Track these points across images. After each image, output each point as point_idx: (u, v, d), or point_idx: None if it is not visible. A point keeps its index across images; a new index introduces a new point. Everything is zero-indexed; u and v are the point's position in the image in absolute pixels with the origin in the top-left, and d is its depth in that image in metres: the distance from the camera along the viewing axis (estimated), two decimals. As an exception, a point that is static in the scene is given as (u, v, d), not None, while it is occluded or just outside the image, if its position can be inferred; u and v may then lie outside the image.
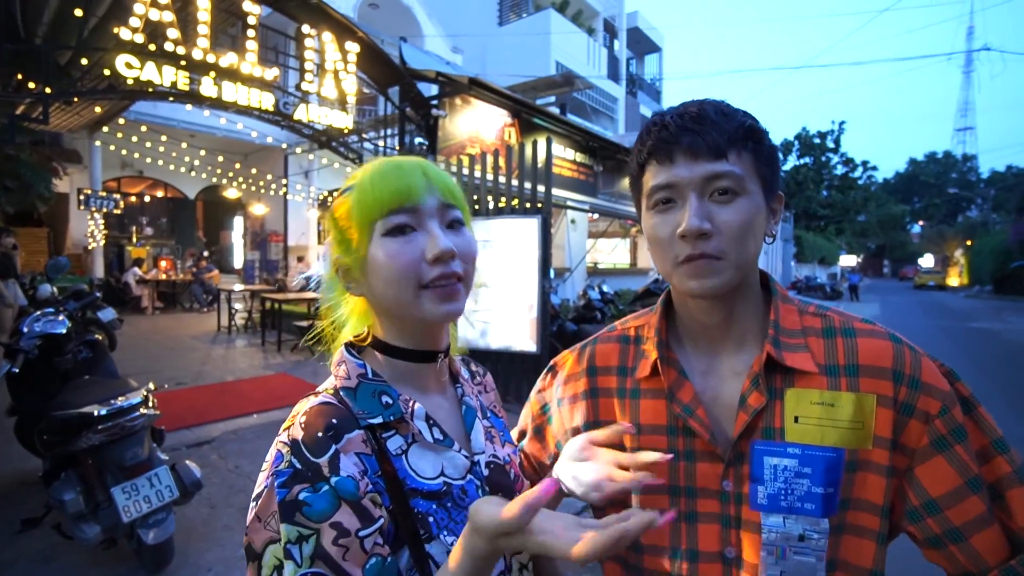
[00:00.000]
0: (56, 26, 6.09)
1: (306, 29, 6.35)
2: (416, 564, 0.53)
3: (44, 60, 5.25)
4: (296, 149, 11.78)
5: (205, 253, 12.68)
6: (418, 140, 7.33)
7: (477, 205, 5.05)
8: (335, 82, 6.61)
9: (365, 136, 8.65)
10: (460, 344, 0.74)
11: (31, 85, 5.38)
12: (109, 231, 11.12)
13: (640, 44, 24.27)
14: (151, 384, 2.48)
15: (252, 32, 5.91)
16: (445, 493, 0.57)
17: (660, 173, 0.61)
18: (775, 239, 0.66)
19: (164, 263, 11.62)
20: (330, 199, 0.63)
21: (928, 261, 42.48)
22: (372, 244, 0.57)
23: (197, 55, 5.41)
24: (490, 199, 5.00)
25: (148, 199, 14.01)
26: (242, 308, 9.25)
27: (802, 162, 37.01)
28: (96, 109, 7.75)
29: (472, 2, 18.35)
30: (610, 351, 0.73)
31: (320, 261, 0.67)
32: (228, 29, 6.93)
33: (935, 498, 0.57)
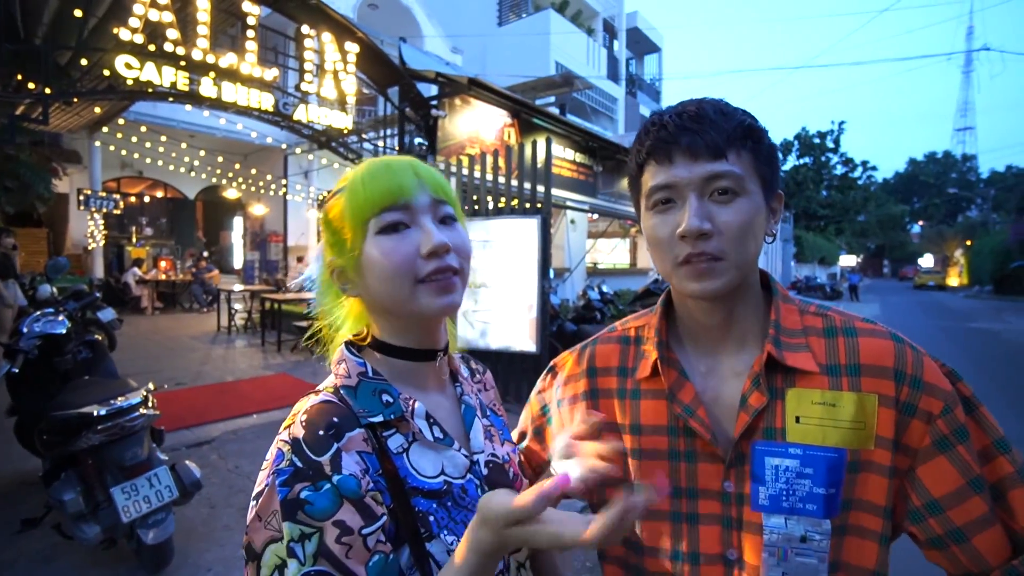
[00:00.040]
0: (56, 26, 6.09)
1: (305, 29, 6.36)
2: (416, 563, 0.53)
3: (44, 60, 5.25)
4: (296, 149, 11.79)
5: (205, 253, 12.69)
6: (418, 140, 7.33)
7: (477, 205, 5.04)
8: (334, 82, 6.62)
9: (365, 136, 8.65)
10: (460, 344, 0.74)
11: (31, 85, 5.38)
12: (109, 231, 11.12)
13: (640, 44, 24.29)
14: (151, 384, 2.48)
15: (252, 32, 5.91)
16: (445, 492, 0.57)
17: (659, 173, 0.60)
18: (775, 238, 0.66)
19: (164, 263, 11.63)
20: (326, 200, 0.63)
21: (928, 261, 42.49)
22: (366, 243, 0.57)
23: (197, 55, 5.42)
24: (490, 199, 5.00)
25: (148, 199, 14.02)
26: (242, 308, 9.25)
27: (802, 162, 37.03)
28: (96, 109, 7.76)
29: (472, 2, 18.36)
30: (610, 352, 0.72)
31: (313, 263, 0.67)
32: (228, 29, 6.93)
33: (937, 498, 0.56)
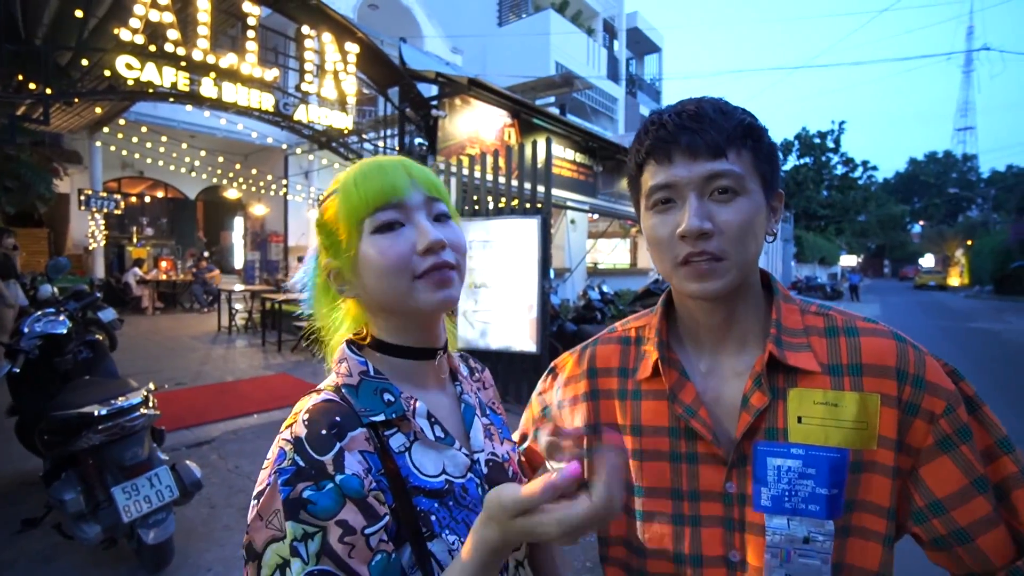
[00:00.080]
0: (56, 27, 6.09)
1: (306, 30, 6.36)
2: (418, 562, 0.53)
3: (44, 61, 5.25)
4: (296, 150, 11.80)
5: (205, 253, 12.69)
6: (418, 140, 7.33)
7: (477, 205, 5.05)
8: (335, 83, 6.62)
9: (365, 137, 8.65)
10: (460, 344, 0.74)
11: (32, 86, 5.39)
12: (109, 231, 11.14)
13: (640, 44, 24.28)
14: (151, 384, 2.49)
15: (252, 33, 5.92)
16: (447, 491, 0.57)
17: (659, 173, 0.60)
18: (776, 238, 0.66)
19: (164, 263, 11.63)
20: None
21: (928, 261, 42.47)
22: (362, 242, 0.57)
23: (197, 56, 5.42)
24: (490, 199, 5.00)
25: (148, 199, 14.03)
26: (242, 308, 9.24)
27: (802, 162, 37.02)
28: (96, 110, 7.76)
29: (472, 3, 18.36)
30: (610, 352, 0.72)
31: (304, 265, 0.67)
32: (228, 30, 6.93)
33: (940, 499, 0.56)
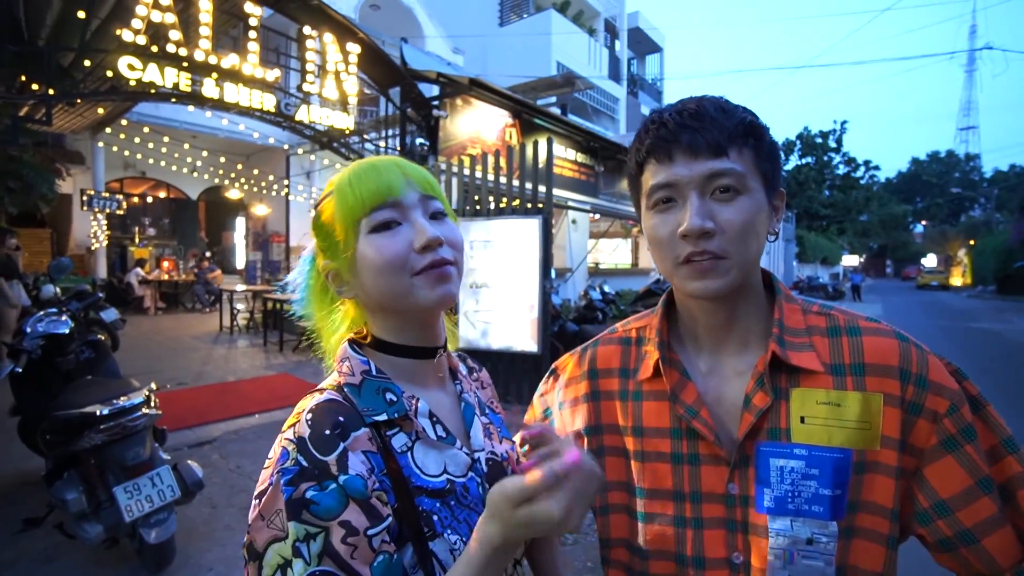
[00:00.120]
0: (59, 28, 6.11)
1: (307, 30, 6.37)
2: (420, 562, 0.53)
3: (47, 62, 5.27)
4: (298, 150, 11.81)
5: (207, 254, 12.71)
6: (419, 141, 7.33)
7: (478, 206, 5.05)
8: (336, 83, 6.63)
9: (366, 137, 8.66)
10: (461, 344, 0.74)
11: (34, 87, 5.40)
12: (112, 232, 11.17)
13: (641, 44, 24.26)
14: (153, 384, 2.49)
15: (253, 34, 5.93)
16: (449, 491, 0.57)
17: (659, 172, 0.59)
18: (777, 237, 0.65)
19: (166, 264, 11.66)
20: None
21: (931, 261, 42.38)
22: (360, 242, 0.58)
23: (199, 56, 5.43)
24: (491, 200, 5.00)
25: (150, 200, 14.06)
26: (244, 308, 9.25)
27: (804, 162, 36.99)
28: (99, 110, 7.78)
29: (473, 3, 18.37)
30: (611, 353, 0.72)
31: (298, 267, 0.67)
32: (229, 31, 6.95)
33: (945, 499, 0.55)
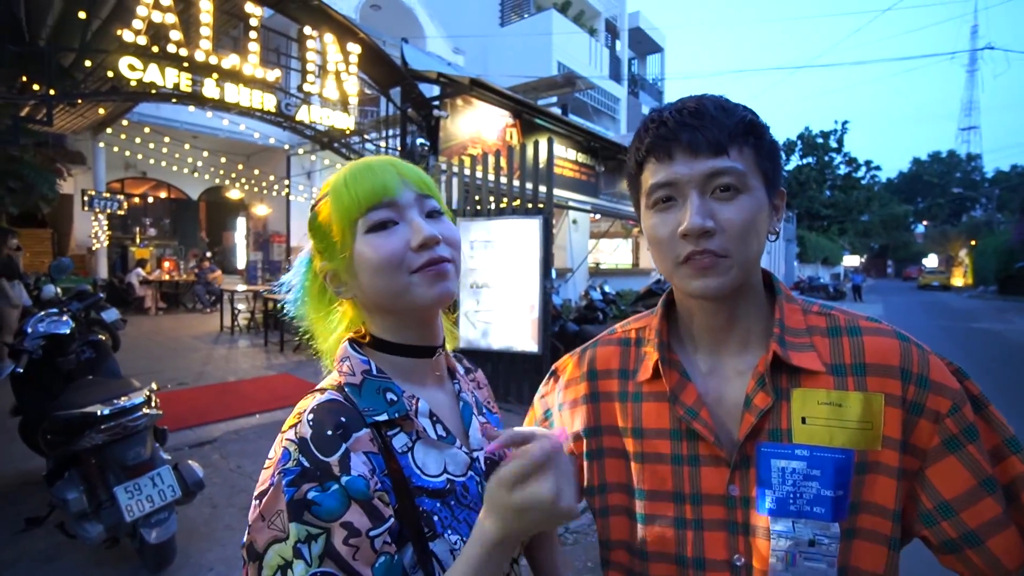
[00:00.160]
0: (60, 28, 6.12)
1: (308, 31, 6.37)
2: (419, 562, 0.53)
3: (48, 62, 5.27)
4: (298, 150, 11.81)
5: (208, 254, 12.72)
6: (420, 141, 7.33)
7: (479, 206, 5.04)
8: (337, 83, 6.63)
9: (367, 137, 8.66)
10: (462, 344, 0.74)
11: (35, 87, 5.41)
12: (113, 232, 11.18)
13: (642, 44, 24.26)
14: (154, 384, 2.49)
15: (254, 34, 5.93)
16: (449, 491, 0.58)
17: (659, 171, 0.59)
18: (778, 236, 0.65)
19: (167, 264, 11.66)
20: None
21: (932, 261, 42.31)
22: (357, 242, 0.58)
23: (199, 57, 5.43)
24: (491, 200, 5.00)
25: (151, 200, 14.07)
26: (245, 308, 9.25)
27: (805, 162, 36.96)
28: (100, 111, 7.79)
29: (474, 3, 18.37)
30: (610, 354, 0.71)
31: (294, 269, 0.67)
32: (230, 31, 6.95)
33: (949, 500, 0.55)
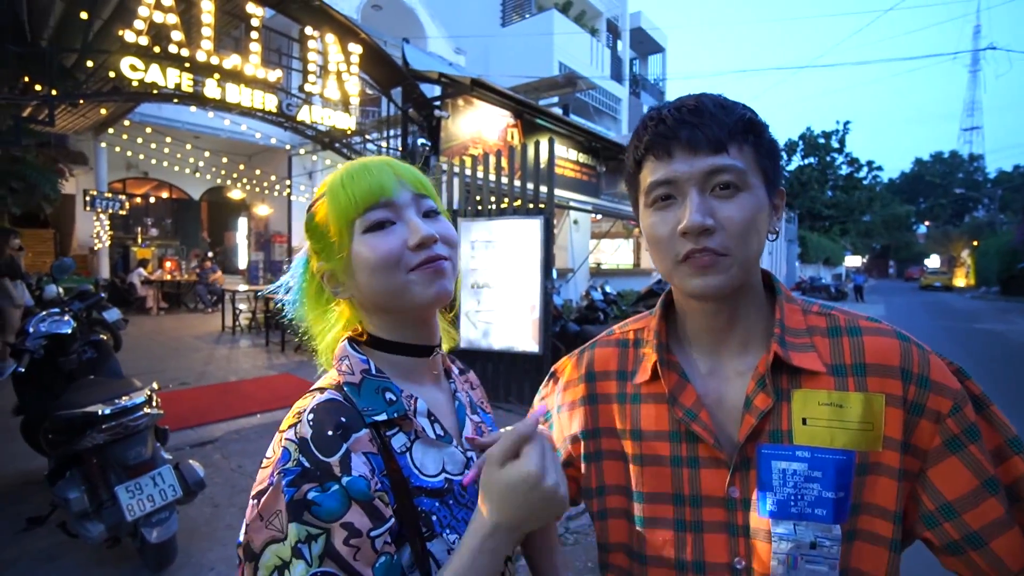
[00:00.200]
0: (62, 29, 6.13)
1: (309, 31, 6.38)
2: (417, 562, 0.53)
3: (50, 63, 5.29)
4: (300, 150, 11.83)
5: (210, 254, 12.74)
6: (421, 141, 7.33)
7: (480, 206, 5.04)
8: (338, 83, 6.63)
9: (368, 137, 8.66)
10: (463, 344, 0.75)
11: (37, 87, 5.42)
12: (114, 232, 11.20)
13: (643, 44, 24.24)
14: (155, 384, 2.50)
15: (255, 34, 5.94)
16: (447, 490, 0.58)
17: (658, 169, 0.58)
18: (778, 236, 0.64)
19: (169, 264, 11.68)
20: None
21: (934, 262, 42.18)
22: (354, 243, 0.58)
23: (201, 57, 5.44)
24: (493, 200, 5.00)
25: (153, 200, 14.11)
26: (246, 308, 9.27)
27: (806, 162, 36.85)
28: (101, 111, 7.82)
29: (475, 3, 18.38)
30: (608, 355, 0.71)
31: (292, 269, 0.68)
32: (231, 31, 6.96)
33: (951, 501, 0.54)
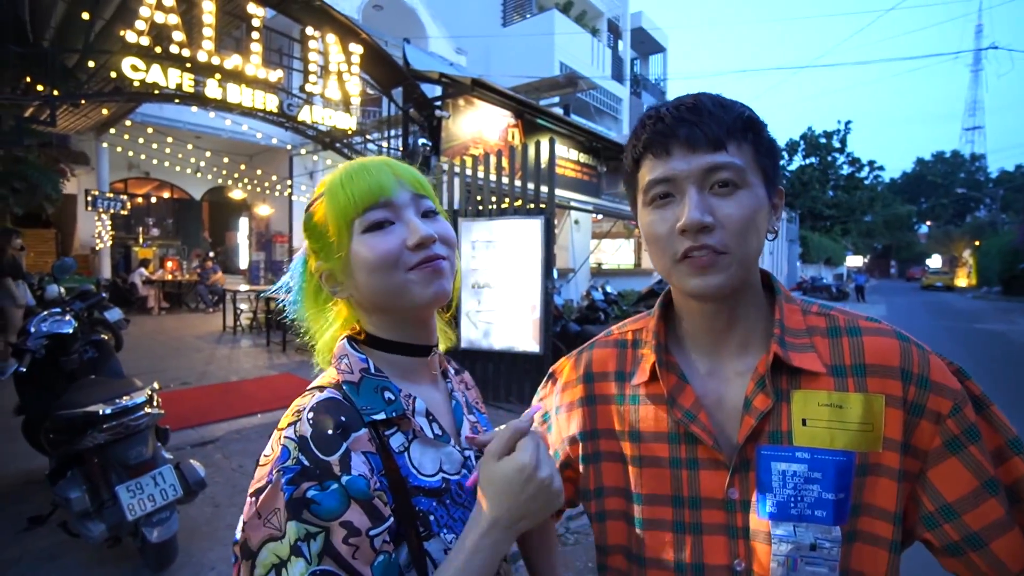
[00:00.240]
0: (63, 29, 6.15)
1: (310, 31, 6.39)
2: (413, 562, 0.53)
3: (51, 63, 5.31)
4: (301, 150, 11.84)
5: (211, 254, 12.75)
6: (421, 141, 7.33)
7: (480, 206, 5.05)
8: (339, 84, 6.64)
9: (369, 137, 8.67)
10: (464, 344, 0.76)
11: (39, 88, 5.43)
12: (116, 232, 11.22)
13: (644, 44, 24.22)
14: (156, 384, 2.50)
15: (256, 34, 5.95)
16: (444, 490, 0.58)
17: (657, 167, 0.58)
18: (777, 235, 0.64)
19: (170, 264, 11.70)
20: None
21: (936, 262, 42.06)
22: (353, 242, 0.58)
23: (202, 57, 5.45)
24: (493, 200, 5.00)
25: (154, 200, 14.13)
26: (247, 308, 9.28)
27: (808, 162, 36.77)
28: (103, 111, 7.83)
29: (476, 3, 18.38)
30: (607, 356, 0.70)
31: (291, 269, 0.68)
32: (232, 31, 6.97)
33: (951, 502, 0.54)
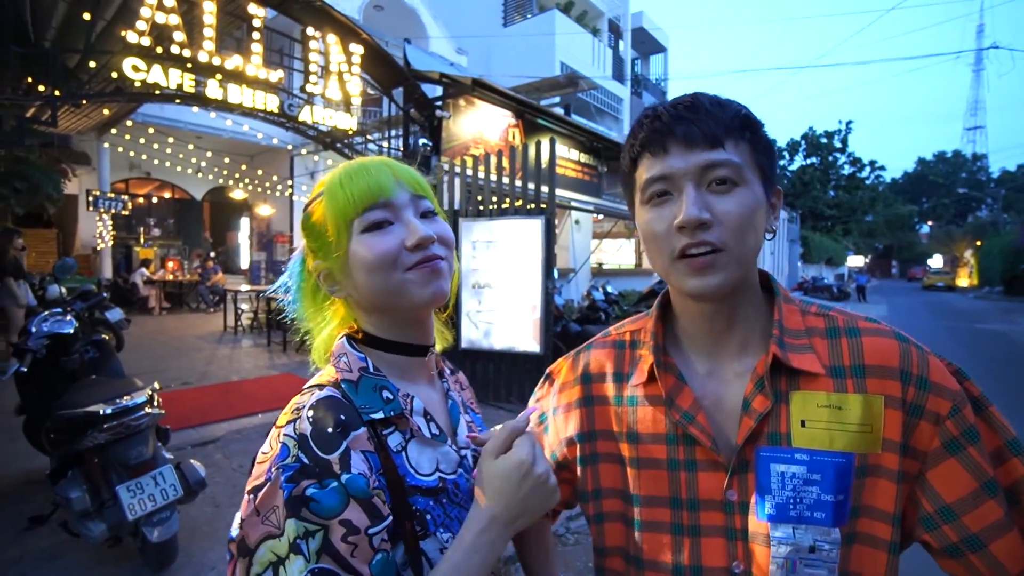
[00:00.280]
0: (64, 30, 6.17)
1: (310, 31, 6.40)
2: (409, 561, 0.53)
3: (53, 63, 5.32)
4: (302, 150, 11.85)
5: (212, 254, 12.76)
6: (422, 141, 7.33)
7: (481, 206, 5.05)
8: (339, 84, 6.65)
9: (369, 137, 8.67)
10: (464, 344, 0.76)
11: (40, 88, 5.44)
12: (117, 232, 11.23)
13: (645, 44, 24.20)
14: (156, 383, 2.50)
15: (257, 35, 5.96)
16: (441, 489, 0.58)
17: (654, 165, 0.58)
18: (775, 235, 0.64)
19: (171, 264, 11.71)
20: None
21: (937, 262, 42.00)
22: (352, 242, 0.58)
23: (203, 57, 5.46)
24: (494, 200, 5.00)
25: (155, 200, 14.15)
26: (248, 308, 9.28)
27: (809, 162, 36.73)
28: (104, 111, 7.84)
29: (477, 3, 18.38)
30: (604, 357, 0.70)
31: (289, 269, 0.68)
32: (233, 32, 6.98)
33: (950, 504, 0.54)
